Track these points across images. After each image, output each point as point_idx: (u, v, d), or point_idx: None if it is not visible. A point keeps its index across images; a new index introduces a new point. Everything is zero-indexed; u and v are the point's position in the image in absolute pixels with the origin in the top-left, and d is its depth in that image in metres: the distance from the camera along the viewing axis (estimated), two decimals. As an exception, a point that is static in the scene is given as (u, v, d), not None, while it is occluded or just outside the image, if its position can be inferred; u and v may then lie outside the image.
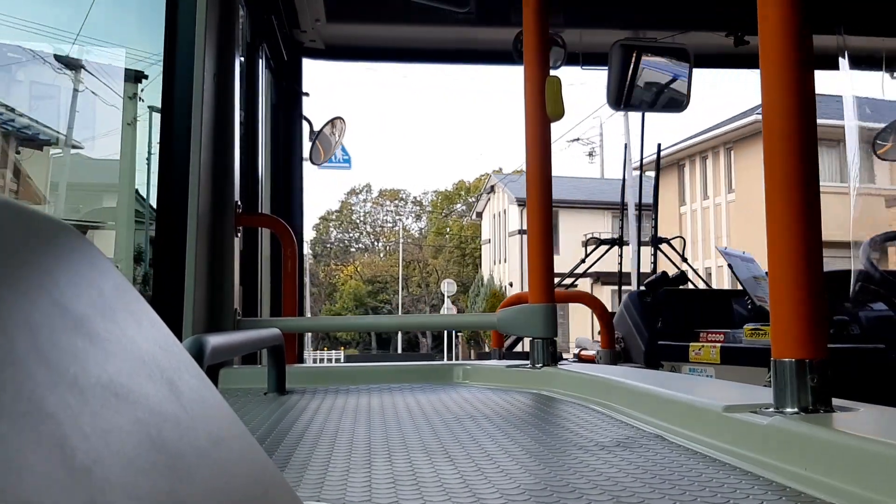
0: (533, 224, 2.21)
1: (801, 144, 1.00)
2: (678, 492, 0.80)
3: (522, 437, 1.18)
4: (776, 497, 0.78)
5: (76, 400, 0.34)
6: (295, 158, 3.92)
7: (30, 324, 0.34)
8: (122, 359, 0.42)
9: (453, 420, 1.37)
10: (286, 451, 1.07)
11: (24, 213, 0.41)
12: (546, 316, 2.16)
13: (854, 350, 3.19)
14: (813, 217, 0.99)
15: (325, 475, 0.90)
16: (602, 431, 1.22)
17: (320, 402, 1.69)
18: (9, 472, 0.26)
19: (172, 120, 2.26)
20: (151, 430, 0.39)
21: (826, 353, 0.98)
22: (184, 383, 0.49)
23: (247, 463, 0.55)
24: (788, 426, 0.91)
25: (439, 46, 4.14)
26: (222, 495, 0.45)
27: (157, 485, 0.36)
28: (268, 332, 1.84)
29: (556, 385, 1.88)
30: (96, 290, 0.45)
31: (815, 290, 0.98)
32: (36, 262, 0.40)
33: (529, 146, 2.21)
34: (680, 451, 1.04)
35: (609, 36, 3.74)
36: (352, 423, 1.35)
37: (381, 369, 2.26)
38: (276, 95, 3.86)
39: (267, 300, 3.42)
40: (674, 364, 3.77)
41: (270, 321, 2.53)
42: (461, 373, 2.21)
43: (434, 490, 0.81)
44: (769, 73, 1.03)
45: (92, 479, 0.30)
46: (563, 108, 2.15)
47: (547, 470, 0.92)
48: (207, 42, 2.21)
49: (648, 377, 1.62)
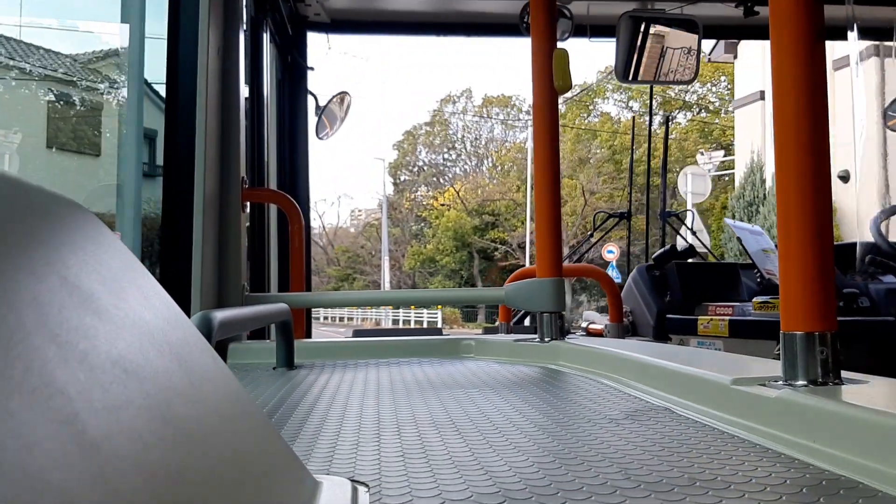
0: (540, 198, 2.20)
1: (812, 115, 0.99)
2: (686, 464, 0.80)
3: (531, 410, 1.18)
4: (785, 469, 0.78)
5: (86, 376, 0.34)
6: (301, 133, 3.91)
7: (38, 301, 0.34)
8: (131, 334, 0.42)
9: (462, 394, 1.38)
10: (295, 425, 1.08)
11: (31, 190, 0.41)
12: (554, 290, 2.16)
13: (863, 322, 3.19)
14: (823, 189, 0.98)
15: (334, 449, 0.90)
16: (610, 404, 1.22)
17: (329, 376, 1.70)
18: (19, 447, 0.26)
19: (177, 95, 2.25)
20: (161, 404, 0.40)
21: (835, 326, 0.97)
22: (192, 358, 0.49)
23: (256, 437, 0.55)
24: (797, 398, 0.91)
25: (446, 19, 4.10)
26: (232, 469, 0.46)
27: (167, 459, 0.36)
28: (276, 307, 1.85)
29: (564, 359, 1.89)
30: (104, 266, 0.45)
31: (824, 263, 0.97)
32: (44, 238, 0.40)
33: (537, 119, 2.20)
34: (688, 423, 1.04)
35: (617, 7, 3.70)
36: (360, 397, 1.35)
37: (389, 344, 2.27)
38: (281, 70, 3.84)
39: (275, 275, 3.43)
40: (682, 337, 3.78)
41: (278, 296, 2.54)
42: (469, 347, 2.21)
43: (443, 463, 0.81)
44: (779, 44, 1.01)
45: (102, 453, 0.31)
46: (571, 80, 2.14)
47: (555, 443, 0.92)
48: (212, 16, 2.20)
49: (656, 350, 1.62)
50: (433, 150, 42.00)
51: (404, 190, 42.02)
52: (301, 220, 2.89)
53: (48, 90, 5.49)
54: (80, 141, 5.52)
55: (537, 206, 2.21)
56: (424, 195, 41.43)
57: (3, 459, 0.25)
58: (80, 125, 5.48)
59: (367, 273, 42.17)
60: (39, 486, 0.25)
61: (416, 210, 40.70)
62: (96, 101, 5.73)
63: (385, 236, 37.43)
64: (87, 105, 5.70)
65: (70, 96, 5.63)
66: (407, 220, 41.06)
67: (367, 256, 42.76)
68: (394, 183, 42.47)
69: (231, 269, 2.31)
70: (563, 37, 3.27)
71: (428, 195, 41.02)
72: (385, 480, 0.74)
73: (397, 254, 40.12)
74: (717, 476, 0.75)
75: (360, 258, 43.25)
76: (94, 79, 5.50)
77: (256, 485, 0.48)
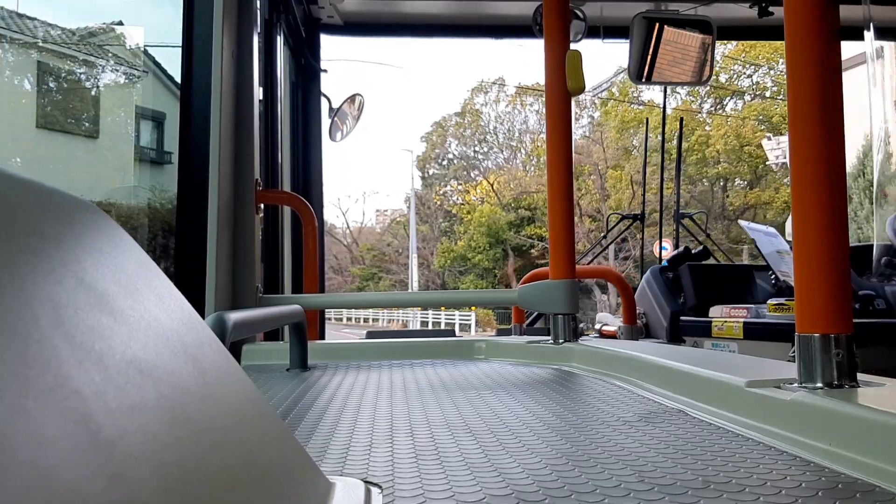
0: (554, 199, 2.19)
1: (827, 116, 0.98)
2: (701, 466, 0.80)
3: (544, 411, 1.18)
4: (800, 472, 0.77)
5: (101, 376, 0.34)
6: (314, 135, 3.92)
7: (54, 301, 0.35)
8: (146, 335, 0.42)
9: (475, 395, 1.37)
10: (309, 426, 1.08)
11: (47, 192, 0.41)
12: (567, 291, 2.16)
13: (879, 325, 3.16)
14: (839, 190, 0.98)
15: (347, 450, 0.90)
16: (624, 406, 1.22)
17: (342, 377, 1.70)
18: (34, 446, 0.26)
19: (192, 98, 2.26)
20: (175, 405, 0.40)
21: (851, 328, 0.97)
22: (207, 359, 0.50)
23: (270, 438, 0.55)
24: (813, 401, 0.90)
25: (458, 21, 4.11)
26: (246, 469, 0.46)
27: (181, 459, 0.37)
28: (289, 308, 1.85)
29: (578, 360, 1.88)
30: (119, 267, 0.45)
31: (839, 265, 0.97)
32: (59, 240, 0.40)
33: (550, 120, 2.20)
34: (703, 425, 1.04)
35: (630, 8, 3.69)
36: (373, 398, 1.35)
37: (403, 345, 2.27)
38: (295, 72, 3.85)
39: (289, 277, 3.44)
40: (696, 339, 3.76)
41: (292, 298, 2.55)
42: (482, 348, 2.21)
43: (456, 465, 0.81)
44: (794, 45, 1.01)
45: (116, 453, 0.31)
46: (584, 82, 2.13)
47: (568, 444, 0.92)
48: (226, 19, 2.21)
49: (670, 352, 1.61)
50: (464, 141, 39.22)
51: (433, 184, 39.88)
52: (315, 221, 2.90)
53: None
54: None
55: (550, 207, 2.21)
56: (455, 189, 38.57)
57: (17, 458, 0.25)
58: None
59: (393, 272, 39.94)
60: (53, 485, 0.26)
61: (445, 205, 38.46)
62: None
63: (413, 233, 35.02)
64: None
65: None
66: (436, 217, 38.69)
67: (394, 255, 40.88)
68: (422, 177, 40.41)
69: (245, 271, 2.32)
70: (576, 38, 3.26)
71: (458, 189, 38.26)
72: (398, 481, 0.74)
73: (426, 252, 38.12)
74: (732, 479, 0.75)
75: (387, 256, 41.37)
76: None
77: (270, 486, 0.48)
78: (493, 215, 34.00)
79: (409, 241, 35.35)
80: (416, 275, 34.72)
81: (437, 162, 39.76)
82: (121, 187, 4.85)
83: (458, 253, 35.63)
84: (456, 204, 37.90)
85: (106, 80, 5.66)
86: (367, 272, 40.70)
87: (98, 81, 5.65)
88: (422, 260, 37.31)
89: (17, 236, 0.35)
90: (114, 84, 5.56)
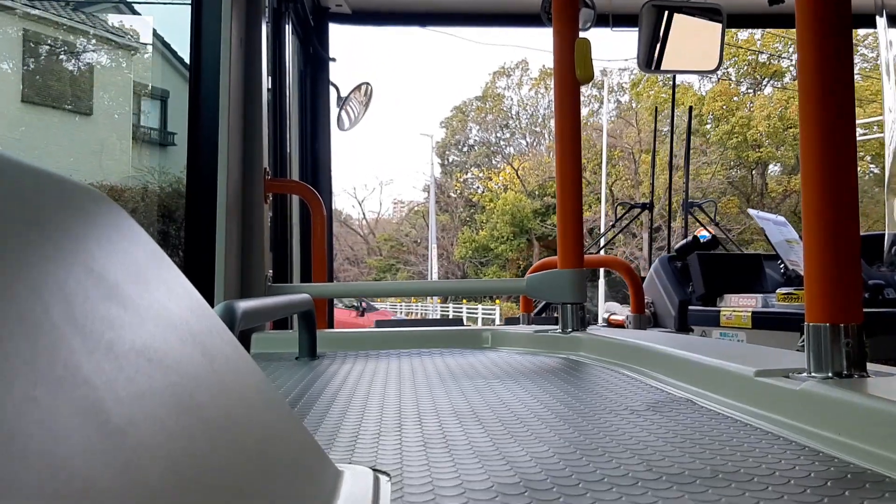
0: (562, 189, 2.19)
1: (839, 105, 0.97)
2: (709, 455, 0.80)
3: (552, 400, 1.18)
4: (809, 462, 0.77)
5: (111, 365, 0.34)
6: (322, 124, 3.92)
7: (64, 291, 0.35)
8: (156, 325, 0.42)
9: (483, 384, 1.38)
10: (317, 414, 1.09)
11: (57, 182, 0.41)
12: (575, 281, 2.16)
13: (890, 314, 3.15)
14: (849, 180, 0.97)
15: (356, 439, 0.91)
16: (632, 395, 1.22)
17: (351, 366, 1.71)
18: (44, 435, 0.26)
19: (200, 86, 2.26)
20: (184, 394, 0.40)
21: (861, 318, 0.96)
22: (216, 348, 0.50)
23: (279, 426, 0.56)
24: (822, 391, 0.90)
25: (467, 9, 4.09)
26: (255, 457, 0.46)
27: (191, 447, 0.37)
28: (298, 297, 1.86)
29: (586, 349, 1.88)
30: (129, 256, 0.45)
31: (849, 254, 0.96)
32: (69, 229, 0.40)
33: (559, 110, 2.19)
34: (711, 415, 1.04)
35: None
36: (382, 387, 1.36)
37: (411, 334, 2.27)
38: (303, 61, 3.85)
39: (297, 266, 3.45)
40: (704, 329, 3.75)
41: (301, 287, 2.56)
42: (490, 337, 2.21)
43: (465, 453, 0.82)
44: (805, 33, 1.00)
45: (126, 442, 0.31)
46: (593, 70, 2.12)
47: (577, 433, 0.92)
48: (234, 7, 2.21)
49: (678, 342, 1.61)
50: (485, 127, 37.72)
51: (453, 172, 38.27)
52: (323, 210, 2.90)
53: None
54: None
55: (559, 197, 2.20)
56: (476, 175, 37.10)
57: (27, 448, 0.25)
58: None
59: (411, 263, 38.27)
60: (64, 474, 0.26)
61: (466, 193, 36.72)
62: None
63: (433, 222, 33.42)
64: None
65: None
66: (456, 205, 37.61)
67: (412, 245, 39.35)
68: (441, 164, 38.75)
69: (254, 260, 2.32)
70: (585, 26, 3.24)
71: (480, 176, 36.65)
72: (407, 470, 0.75)
73: (445, 242, 36.77)
74: (741, 468, 0.75)
75: (405, 247, 39.78)
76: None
77: (279, 473, 0.49)
78: (518, 203, 32.57)
79: (429, 231, 34.12)
80: (435, 266, 33.51)
81: (458, 148, 38.42)
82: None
83: (479, 243, 34.45)
84: (477, 192, 36.37)
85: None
86: (385, 263, 39.35)
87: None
88: (441, 250, 36.02)
89: (27, 225, 0.35)
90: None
